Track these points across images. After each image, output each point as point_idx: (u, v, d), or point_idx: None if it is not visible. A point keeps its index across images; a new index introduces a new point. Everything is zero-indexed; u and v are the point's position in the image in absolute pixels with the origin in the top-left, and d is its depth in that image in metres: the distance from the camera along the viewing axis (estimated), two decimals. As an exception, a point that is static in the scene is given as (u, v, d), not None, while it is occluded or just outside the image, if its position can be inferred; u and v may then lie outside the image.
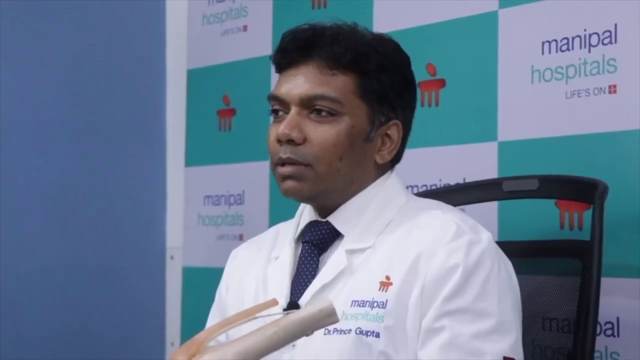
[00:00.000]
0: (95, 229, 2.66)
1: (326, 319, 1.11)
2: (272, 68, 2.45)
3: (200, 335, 1.11)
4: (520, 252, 1.63)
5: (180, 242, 2.76)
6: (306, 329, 1.11)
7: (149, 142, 2.80)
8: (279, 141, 1.40)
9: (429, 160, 2.09)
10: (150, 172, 2.80)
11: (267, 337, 1.09)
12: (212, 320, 1.57)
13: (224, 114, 2.68)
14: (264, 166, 2.52)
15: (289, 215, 1.64)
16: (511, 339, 1.32)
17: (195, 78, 2.77)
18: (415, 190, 2.05)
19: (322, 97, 1.39)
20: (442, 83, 2.11)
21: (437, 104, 2.11)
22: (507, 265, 1.39)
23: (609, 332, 1.79)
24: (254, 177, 2.56)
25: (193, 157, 2.77)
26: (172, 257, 2.78)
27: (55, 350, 2.55)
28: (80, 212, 2.63)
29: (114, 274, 2.69)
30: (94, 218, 2.66)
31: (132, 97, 2.76)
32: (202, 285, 2.54)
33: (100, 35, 2.69)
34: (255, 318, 1.12)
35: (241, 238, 2.55)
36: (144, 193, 2.79)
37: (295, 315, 1.11)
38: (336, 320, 1.11)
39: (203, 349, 1.10)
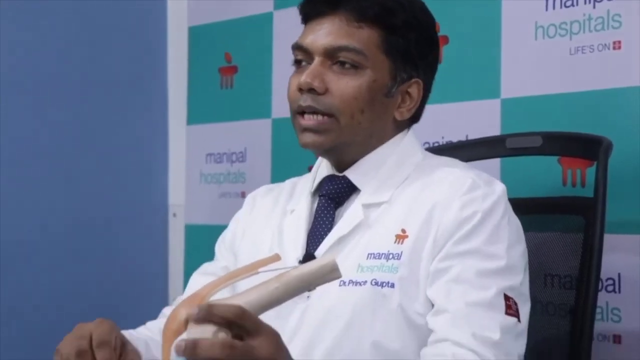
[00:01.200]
0: (97, 186, 2.66)
1: (329, 274, 1.11)
2: (274, 25, 2.45)
3: (203, 290, 1.11)
4: (523, 209, 1.62)
5: (182, 199, 2.77)
6: (308, 284, 1.11)
7: (150, 100, 2.79)
8: (300, 90, 1.41)
9: (432, 118, 2.05)
10: (152, 130, 2.80)
11: (269, 291, 1.09)
12: (219, 251, 1.58)
13: (225, 71, 2.67)
14: (266, 124, 2.52)
15: (291, 172, 1.64)
16: (515, 282, 1.33)
17: (197, 35, 2.75)
18: (417, 148, 2.04)
19: (347, 49, 1.40)
20: (445, 40, 2.09)
21: (440, 61, 2.09)
22: (516, 220, 1.41)
23: (610, 288, 1.80)
24: (256, 135, 2.56)
25: (195, 115, 2.76)
26: (174, 215, 2.78)
27: (55, 305, 2.56)
28: (82, 169, 2.63)
29: (116, 231, 2.70)
30: (96, 175, 2.66)
31: (134, 54, 2.74)
32: (205, 242, 2.52)
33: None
34: (258, 273, 1.12)
35: (243, 196, 2.54)
36: (145, 151, 2.79)
37: (297, 270, 1.11)
38: (339, 276, 1.11)
39: (205, 303, 1.10)
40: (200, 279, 1.53)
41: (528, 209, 1.66)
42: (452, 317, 1.28)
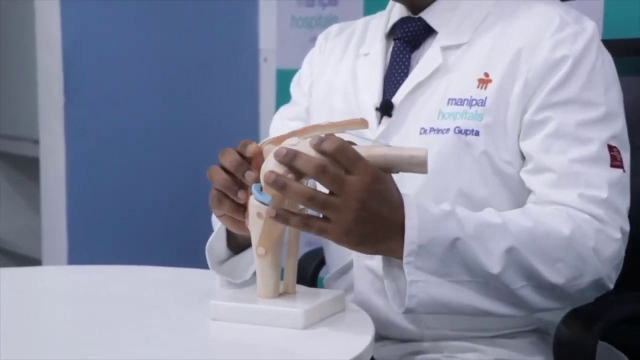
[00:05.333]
0: (189, 31, 2.67)
1: (415, 166, 1.08)
2: None
3: (287, 134, 1.12)
4: (627, 51, 1.55)
5: (273, 44, 2.75)
6: (391, 166, 1.09)
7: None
8: None
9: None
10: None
11: None
12: (296, 93, 1.55)
13: None
14: (359, -35, 2.45)
15: (383, 15, 1.58)
16: (617, 129, 1.28)
17: None
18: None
19: None
20: None
21: None
22: (609, 57, 1.33)
23: None
24: (348, -23, 2.49)
25: (285, -43, 2.70)
26: (265, 60, 2.77)
27: (149, 143, 2.64)
28: (174, 13, 2.64)
29: (208, 76, 2.72)
30: (187, 20, 2.67)
31: None
32: (296, 87, 2.53)
33: None
34: (344, 132, 1.10)
35: (335, 40, 2.50)
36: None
37: (384, 149, 1.09)
38: (424, 172, 1.09)
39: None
40: (280, 125, 1.51)
41: (632, 51, 1.59)
42: (555, 176, 1.24)
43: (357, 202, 1.05)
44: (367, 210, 1.06)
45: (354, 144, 1.09)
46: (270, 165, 1.07)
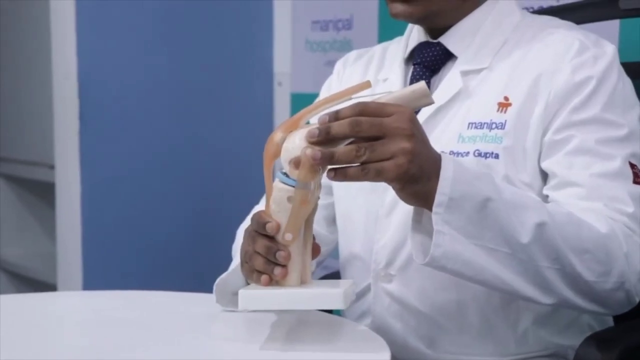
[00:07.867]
0: (203, 55, 2.68)
1: (421, 99, 1.09)
2: None
3: (297, 114, 1.12)
4: (643, 73, 1.54)
5: (288, 68, 2.75)
6: None
7: (255, -35, 2.76)
8: None
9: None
10: (256, -3, 2.78)
11: None
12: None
13: None
14: (373, -11, 2.45)
15: (398, 39, 1.57)
16: (638, 149, 1.28)
17: None
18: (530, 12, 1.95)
19: None
20: None
21: None
22: (629, 80, 1.34)
23: None
24: (363, 1, 2.49)
25: (300, -19, 2.71)
26: (280, 84, 2.77)
27: (162, 167, 2.65)
28: (188, 36, 2.65)
29: (222, 100, 2.72)
30: (201, 44, 2.68)
31: None
32: (311, 111, 2.53)
33: None
34: (351, 99, 1.10)
35: (349, 64, 2.50)
36: (250, 19, 2.76)
37: (388, 96, 1.10)
38: (431, 102, 1.10)
39: (299, 126, 1.10)
40: None
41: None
42: (580, 190, 1.24)
43: (405, 130, 1.04)
44: (417, 136, 1.06)
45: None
46: (298, 148, 1.06)
